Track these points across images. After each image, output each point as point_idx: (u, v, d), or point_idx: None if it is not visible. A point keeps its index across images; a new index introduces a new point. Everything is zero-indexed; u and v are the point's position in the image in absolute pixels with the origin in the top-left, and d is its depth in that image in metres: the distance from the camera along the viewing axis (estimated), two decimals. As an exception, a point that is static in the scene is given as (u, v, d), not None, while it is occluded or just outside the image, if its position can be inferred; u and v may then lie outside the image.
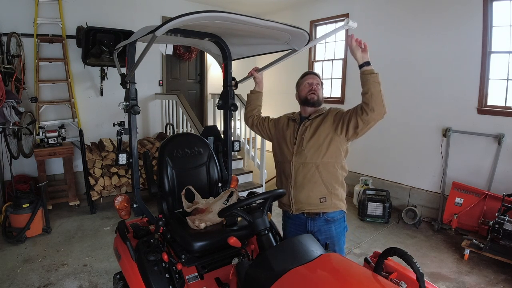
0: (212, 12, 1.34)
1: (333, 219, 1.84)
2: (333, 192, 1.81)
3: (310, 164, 1.81)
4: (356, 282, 1.18)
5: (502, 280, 2.85)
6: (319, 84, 1.94)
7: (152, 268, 1.65)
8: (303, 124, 1.88)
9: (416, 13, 4.13)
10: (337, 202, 1.83)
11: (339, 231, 1.86)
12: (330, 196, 1.81)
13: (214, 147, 2.31)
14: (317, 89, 1.91)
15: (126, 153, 1.81)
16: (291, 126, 1.95)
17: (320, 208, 1.82)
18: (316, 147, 1.81)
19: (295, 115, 2.00)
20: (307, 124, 1.87)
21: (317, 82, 1.93)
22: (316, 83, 1.93)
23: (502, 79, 3.60)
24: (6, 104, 3.32)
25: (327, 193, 1.81)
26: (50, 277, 2.75)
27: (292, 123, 1.96)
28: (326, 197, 1.81)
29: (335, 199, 1.83)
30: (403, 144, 4.42)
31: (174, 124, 5.02)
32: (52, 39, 4.31)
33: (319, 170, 1.80)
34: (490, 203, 3.35)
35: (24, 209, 3.34)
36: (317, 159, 1.80)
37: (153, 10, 5.20)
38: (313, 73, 2.00)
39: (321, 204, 1.81)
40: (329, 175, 1.81)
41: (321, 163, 1.80)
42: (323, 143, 1.80)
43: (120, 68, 2.04)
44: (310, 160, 1.81)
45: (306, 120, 1.90)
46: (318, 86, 1.92)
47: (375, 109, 1.64)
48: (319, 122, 1.85)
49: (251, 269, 1.33)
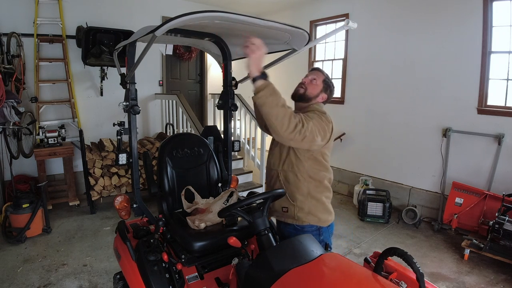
0: (212, 12, 1.34)
1: (303, 230, 1.69)
2: (296, 205, 1.68)
3: (273, 171, 1.77)
4: (356, 282, 1.18)
5: (502, 280, 2.85)
6: (316, 80, 1.77)
7: (152, 268, 1.65)
8: None
9: (416, 13, 4.13)
10: (302, 216, 1.68)
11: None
12: (292, 207, 1.69)
13: (214, 147, 2.31)
14: (309, 84, 1.76)
15: (126, 153, 1.81)
16: None
17: (284, 217, 1.74)
18: (277, 153, 1.73)
19: None
20: None
21: (314, 77, 1.77)
22: (312, 78, 1.77)
23: (502, 79, 3.60)
24: (6, 104, 3.31)
25: (289, 204, 1.70)
26: (50, 277, 2.75)
27: None
28: (288, 207, 1.70)
29: (300, 213, 1.68)
30: (403, 144, 4.42)
31: (174, 124, 5.02)
32: (52, 39, 4.31)
33: (280, 178, 1.72)
34: (490, 203, 3.35)
35: (24, 209, 3.34)
36: (278, 166, 1.73)
37: (153, 10, 5.20)
38: (315, 69, 1.87)
39: (283, 213, 1.73)
40: (289, 185, 1.69)
41: (281, 171, 1.71)
42: (283, 151, 1.70)
43: (120, 68, 2.04)
44: (273, 166, 1.76)
45: None
46: (312, 81, 1.77)
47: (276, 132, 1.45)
48: None
49: (251, 269, 1.33)
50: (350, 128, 5.02)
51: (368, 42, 4.69)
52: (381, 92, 4.62)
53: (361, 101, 4.91)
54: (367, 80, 4.77)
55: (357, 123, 4.94)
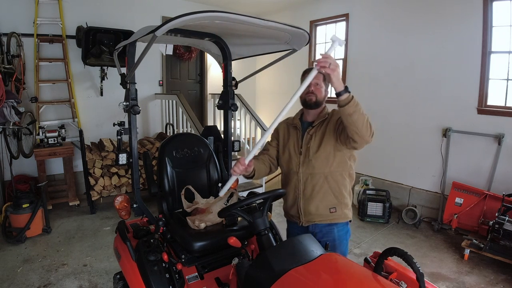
0: (212, 12, 1.34)
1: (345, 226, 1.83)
2: (342, 202, 1.78)
3: (319, 175, 1.75)
4: (356, 282, 1.18)
5: (502, 280, 2.85)
6: (320, 82, 1.74)
7: (152, 268, 1.65)
8: (308, 132, 1.77)
9: (416, 13, 4.13)
10: (346, 212, 1.81)
11: (341, 235, 1.81)
12: (340, 205, 1.77)
13: (214, 147, 2.31)
14: (316, 89, 1.73)
15: (126, 153, 1.81)
16: (293, 134, 1.83)
17: (330, 219, 1.78)
18: (323, 157, 1.73)
19: (295, 121, 1.86)
20: (312, 132, 1.77)
21: (316, 81, 1.73)
22: (315, 82, 1.73)
23: (502, 79, 3.60)
24: (6, 104, 3.32)
25: (337, 203, 1.77)
26: (50, 277, 2.75)
27: (294, 131, 1.84)
28: (336, 207, 1.77)
29: (345, 208, 1.79)
30: (403, 144, 4.42)
31: (174, 124, 5.02)
32: (52, 39, 4.31)
33: (328, 180, 1.75)
34: (490, 203, 3.35)
35: (24, 209, 3.34)
36: (325, 169, 1.74)
37: (153, 10, 5.20)
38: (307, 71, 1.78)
39: (331, 215, 1.77)
40: (338, 185, 1.76)
41: (330, 173, 1.74)
42: (330, 153, 1.73)
43: (120, 68, 2.04)
44: (318, 170, 1.74)
45: (310, 128, 1.78)
46: (317, 86, 1.74)
47: (362, 136, 1.58)
48: (324, 130, 1.75)
49: (251, 269, 1.33)
50: (350, 128, 5.01)
51: (368, 42, 4.69)
52: (381, 92, 4.61)
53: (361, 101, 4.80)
54: (367, 80, 4.77)
55: (357, 123, 4.93)
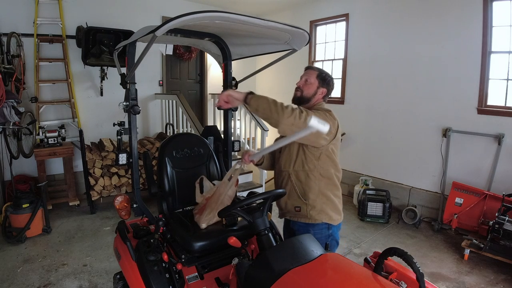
0: (212, 12, 1.34)
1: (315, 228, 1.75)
2: (308, 203, 1.72)
3: (284, 173, 1.79)
4: (356, 282, 1.18)
5: (502, 280, 2.85)
6: (309, 79, 1.79)
7: (152, 268, 1.65)
8: None
9: (416, 13, 4.13)
10: (314, 214, 1.72)
11: (319, 238, 1.65)
12: (305, 207, 1.73)
13: (214, 147, 2.31)
14: (303, 85, 1.79)
15: (126, 153, 1.81)
16: None
17: (297, 217, 1.78)
18: (287, 155, 1.75)
19: None
20: None
21: (306, 77, 1.80)
22: (305, 78, 1.80)
23: (502, 79, 3.60)
24: (6, 104, 3.32)
25: (301, 203, 1.74)
26: (50, 277, 2.75)
27: None
28: (300, 206, 1.75)
29: (312, 211, 1.72)
30: (403, 144, 4.42)
31: (174, 124, 5.02)
32: (52, 39, 4.31)
33: (291, 179, 1.75)
34: (490, 203, 3.35)
35: (24, 209, 3.34)
36: (288, 167, 1.75)
37: (153, 10, 5.20)
38: (308, 68, 1.88)
39: (297, 213, 1.77)
40: (302, 185, 1.73)
41: (293, 171, 1.74)
42: (293, 152, 1.73)
43: (120, 68, 2.04)
44: (283, 168, 1.78)
45: None
46: (306, 82, 1.79)
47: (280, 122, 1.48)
48: None
49: (251, 269, 1.33)
50: (350, 128, 5.01)
51: (368, 42, 4.69)
52: (381, 91, 4.62)
53: (361, 101, 4.91)
54: (367, 80, 4.77)
55: (357, 123, 4.94)
